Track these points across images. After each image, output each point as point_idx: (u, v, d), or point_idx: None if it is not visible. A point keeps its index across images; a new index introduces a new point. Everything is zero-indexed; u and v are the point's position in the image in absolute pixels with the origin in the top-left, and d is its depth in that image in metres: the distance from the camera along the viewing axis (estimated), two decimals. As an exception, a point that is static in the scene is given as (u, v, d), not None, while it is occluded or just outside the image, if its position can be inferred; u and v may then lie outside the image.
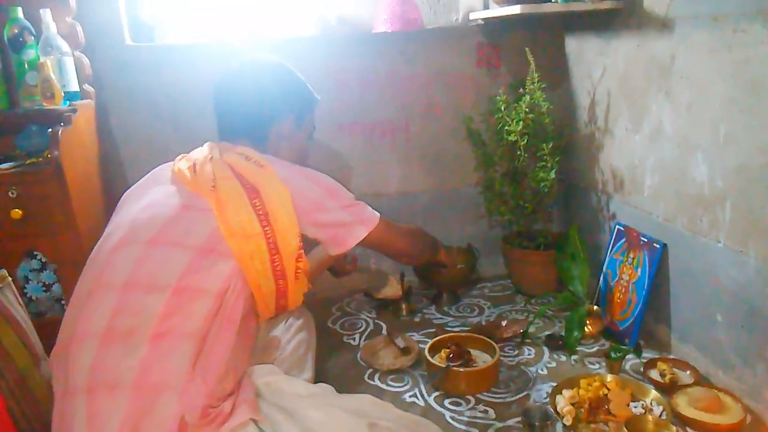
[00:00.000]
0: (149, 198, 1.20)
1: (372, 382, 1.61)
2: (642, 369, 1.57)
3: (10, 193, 1.62)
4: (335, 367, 1.71)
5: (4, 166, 1.67)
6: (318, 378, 1.53)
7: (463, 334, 1.74)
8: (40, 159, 1.71)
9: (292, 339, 1.49)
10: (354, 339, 1.86)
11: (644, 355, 1.65)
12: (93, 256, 1.15)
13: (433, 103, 2.18)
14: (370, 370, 1.66)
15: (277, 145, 1.36)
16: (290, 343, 1.48)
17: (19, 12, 1.77)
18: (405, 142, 2.20)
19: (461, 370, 1.54)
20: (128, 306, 1.03)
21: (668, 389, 1.45)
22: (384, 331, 1.84)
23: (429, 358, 1.59)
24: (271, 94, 1.35)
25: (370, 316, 2.02)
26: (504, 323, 1.82)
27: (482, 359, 1.63)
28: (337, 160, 2.16)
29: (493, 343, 1.62)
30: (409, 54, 2.11)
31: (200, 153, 1.29)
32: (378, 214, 1.33)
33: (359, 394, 1.25)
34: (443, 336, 1.70)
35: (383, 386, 1.59)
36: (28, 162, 1.70)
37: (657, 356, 1.64)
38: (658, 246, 1.66)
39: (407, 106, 2.17)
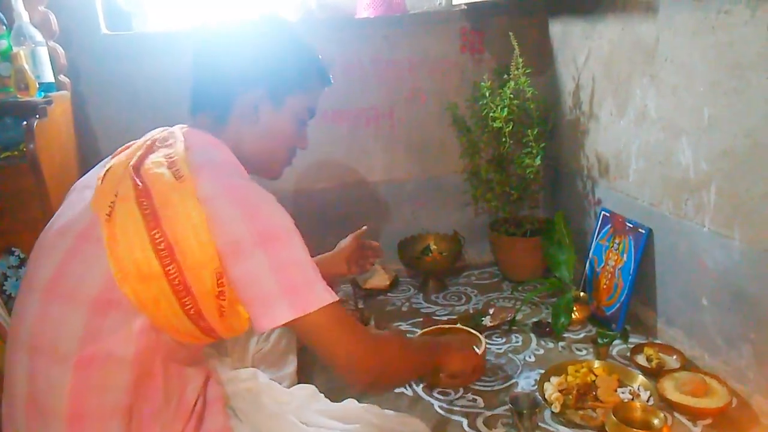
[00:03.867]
0: (64, 210, 1.01)
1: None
2: (629, 354, 1.57)
3: (-15, 188, 1.58)
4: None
5: (-22, 160, 1.63)
6: (304, 370, 1.52)
7: (448, 326, 1.70)
8: (15, 153, 1.67)
9: (272, 332, 1.44)
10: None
11: (631, 340, 1.66)
12: (31, 260, 0.99)
13: (418, 90, 2.15)
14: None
15: (239, 124, 1.07)
16: (270, 336, 1.44)
17: (-10, 1, 1.72)
18: (390, 129, 2.18)
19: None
20: (38, 377, 0.89)
21: (655, 374, 1.46)
22: (372, 322, 1.82)
23: None
24: (242, 55, 1.06)
25: (357, 306, 2.00)
26: (491, 311, 1.82)
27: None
28: (320, 149, 2.13)
29: (478, 334, 1.58)
30: (392, 40, 2.09)
31: (135, 146, 1.06)
32: (331, 296, 0.95)
33: (344, 400, 1.21)
34: (430, 328, 1.67)
35: (371, 376, 1.58)
36: (2, 156, 1.66)
37: (644, 341, 1.64)
38: (643, 231, 1.66)
39: (391, 93, 2.14)
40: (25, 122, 1.62)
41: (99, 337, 0.89)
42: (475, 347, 1.46)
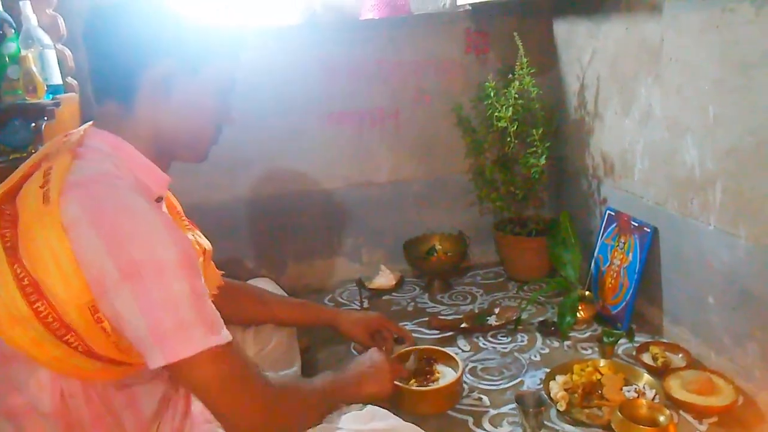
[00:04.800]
0: None
1: (365, 372, 1.61)
2: (634, 353, 1.57)
3: (-6, 189, 1.59)
4: (328, 358, 1.70)
5: (-12, 161, 1.65)
6: (309, 370, 1.53)
7: (425, 347, 1.56)
8: (24, 154, 1.68)
9: (273, 331, 1.44)
10: (347, 329, 1.85)
11: (636, 339, 1.66)
12: None
13: (423, 90, 2.16)
14: (364, 360, 1.65)
15: (150, 105, 0.91)
16: (272, 334, 1.43)
17: (-2, 4, 1.74)
18: (395, 130, 2.18)
19: (417, 389, 1.39)
20: None
21: (661, 372, 1.45)
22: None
23: None
24: (140, 23, 0.89)
25: (362, 306, 2.01)
26: (497, 310, 1.82)
27: (445, 374, 1.47)
28: (325, 150, 2.14)
29: (458, 359, 1.47)
30: (397, 41, 2.09)
31: (30, 158, 0.95)
32: (215, 339, 0.83)
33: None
34: (408, 349, 1.54)
35: (377, 376, 1.58)
36: (11, 157, 1.68)
37: (649, 340, 1.64)
38: (648, 230, 1.66)
39: (397, 94, 2.15)
40: (33, 124, 1.64)
41: (14, 389, 0.85)
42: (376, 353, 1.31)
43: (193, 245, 1.06)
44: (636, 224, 1.71)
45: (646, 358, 1.54)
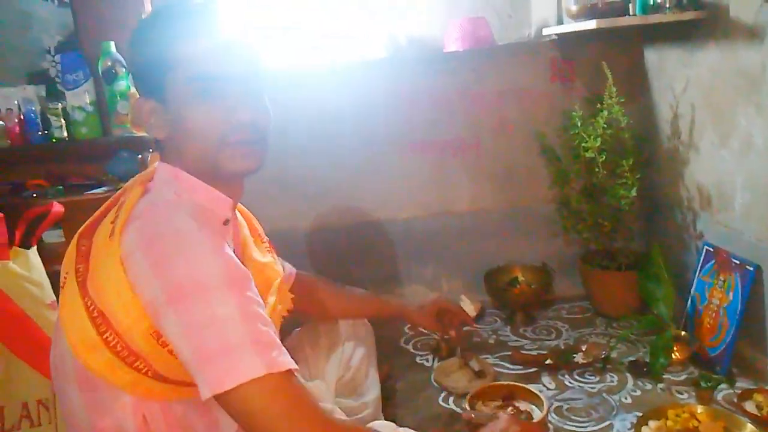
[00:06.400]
0: None
1: (446, 405, 1.59)
2: (735, 400, 1.47)
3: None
4: (406, 387, 1.70)
5: (99, 190, 1.79)
6: (389, 399, 1.53)
7: (507, 383, 1.56)
8: (130, 184, 1.81)
9: (353, 356, 1.43)
10: (427, 360, 1.84)
11: (738, 384, 1.55)
12: None
13: (505, 120, 2.15)
14: (444, 393, 1.64)
15: (162, 149, 0.96)
16: (351, 361, 1.42)
17: (112, 46, 1.89)
18: (476, 159, 2.18)
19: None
20: None
21: (766, 423, 1.35)
22: (458, 353, 1.81)
23: (467, 408, 1.41)
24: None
25: (442, 336, 2.00)
26: (584, 347, 1.76)
27: (534, 413, 1.43)
28: (406, 180, 2.17)
29: (542, 397, 1.44)
30: (480, 71, 2.10)
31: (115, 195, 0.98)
32: (266, 366, 0.76)
33: None
34: (489, 384, 1.55)
35: (457, 409, 1.57)
36: (118, 186, 1.81)
37: (753, 387, 1.52)
38: (751, 268, 1.56)
39: (478, 124, 2.15)
40: (139, 156, 1.77)
41: (102, 412, 0.88)
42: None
43: (266, 274, 1.09)
44: (737, 262, 1.61)
45: (749, 406, 1.43)
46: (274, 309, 1.06)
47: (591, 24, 1.73)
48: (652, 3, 1.70)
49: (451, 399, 1.62)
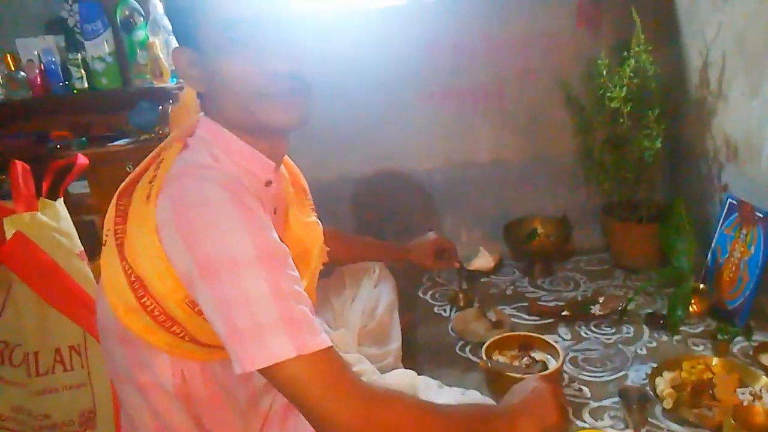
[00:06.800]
0: None
1: (463, 354, 1.63)
2: (751, 353, 1.47)
3: (127, 168, 1.75)
4: (425, 337, 1.74)
5: (121, 142, 1.81)
6: (409, 348, 1.57)
7: (523, 333, 1.58)
8: (152, 135, 1.83)
9: (378, 305, 1.47)
10: (445, 310, 1.88)
11: (755, 338, 1.55)
12: None
13: (529, 68, 2.09)
14: (461, 342, 1.68)
15: (203, 102, 0.94)
16: (376, 311, 1.47)
17: (129, -5, 1.87)
18: (498, 108, 2.14)
19: (516, 375, 1.33)
20: (126, 402, 0.98)
21: (781, 376, 1.36)
22: (476, 303, 1.84)
23: (484, 358, 1.43)
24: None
25: (460, 287, 2.02)
26: (601, 299, 1.77)
27: (549, 363, 1.43)
28: (427, 129, 2.15)
29: (558, 348, 1.44)
30: (504, 15, 2.03)
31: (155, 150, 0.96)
32: (295, 347, 0.75)
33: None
34: (506, 334, 1.55)
35: (474, 359, 1.60)
36: (142, 138, 1.83)
37: (770, 339, 1.53)
38: (775, 222, 1.54)
39: (501, 71, 2.10)
40: (159, 107, 1.78)
41: (143, 367, 0.90)
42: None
43: (309, 233, 1.09)
44: (761, 215, 1.59)
45: (765, 359, 1.44)
46: (316, 269, 1.08)
47: (620, -33, 1.66)
48: (686, -56, 1.62)
49: (468, 348, 1.65)
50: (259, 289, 0.76)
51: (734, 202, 1.71)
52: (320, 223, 1.22)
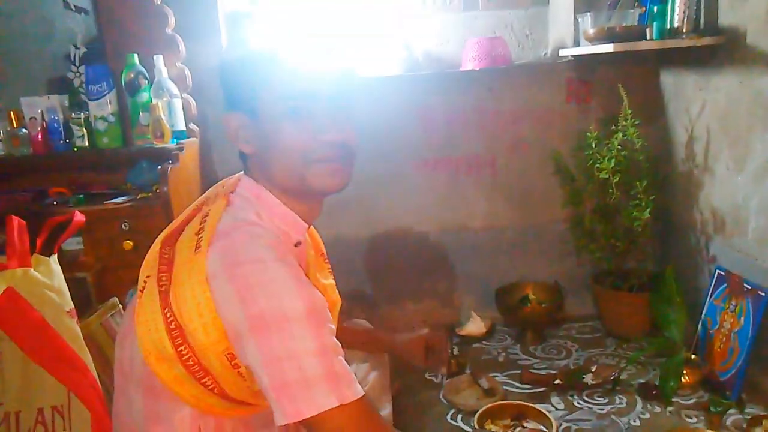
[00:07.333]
0: None
1: (454, 423, 1.60)
2: (745, 426, 1.47)
3: (123, 226, 1.76)
4: (416, 404, 1.71)
5: (119, 200, 1.82)
6: (398, 415, 1.54)
7: (516, 402, 1.59)
8: (149, 194, 1.85)
9: (369, 371, 1.46)
10: (436, 376, 1.85)
11: (748, 410, 1.54)
12: None
13: (520, 139, 2.16)
14: (453, 410, 1.65)
15: (246, 163, 1.00)
16: (368, 376, 1.45)
17: (136, 58, 1.93)
18: (491, 177, 2.19)
19: None
20: None
21: (777, 451, 1.35)
22: (468, 370, 1.82)
23: (476, 427, 1.47)
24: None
25: (452, 353, 2.00)
26: (594, 368, 1.76)
27: None
28: (421, 195, 2.19)
29: (551, 418, 1.46)
30: (496, 90, 2.12)
31: (191, 205, 1.02)
32: (338, 398, 0.81)
33: None
34: (499, 403, 1.57)
35: (466, 427, 1.57)
36: (139, 197, 1.85)
37: (763, 413, 1.52)
38: (763, 294, 1.56)
39: (494, 142, 2.16)
40: (159, 166, 1.80)
41: (159, 420, 0.91)
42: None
43: (328, 295, 1.10)
44: (749, 287, 1.61)
45: (759, 432, 1.43)
46: (335, 330, 1.07)
47: (608, 47, 1.74)
48: (669, 28, 1.72)
49: (459, 416, 1.62)
50: (306, 345, 0.81)
51: (723, 274, 1.73)
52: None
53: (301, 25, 2.19)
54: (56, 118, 1.94)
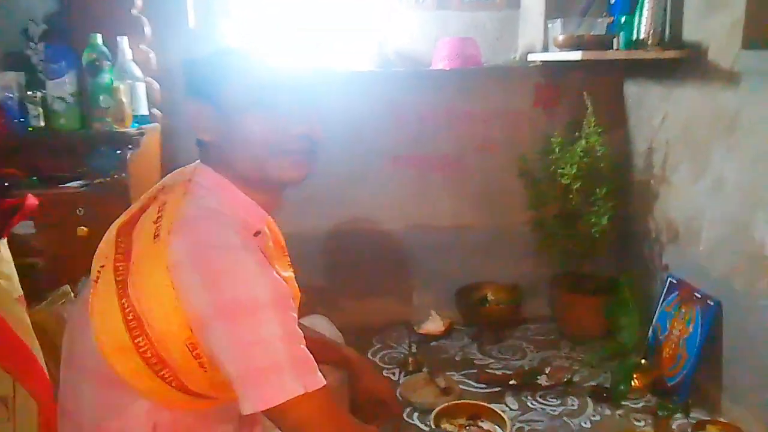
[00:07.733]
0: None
1: (410, 421, 1.61)
2: (690, 430, 1.52)
3: (78, 211, 1.70)
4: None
5: (74, 184, 1.76)
6: (354, 413, 1.53)
7: (472, 402, 1.60)
8: (108, 179, 1.79)
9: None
10: (394, 374, 1.86)
11: (693, 415, 1.60)
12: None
13: (489, 140, 2.18)
14: (410, 408, 1.66)
15: (205, 151, 0.97)
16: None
17: (98, 39, 1.87)
18: (458, 176, 2.21)
19: None
20: None
21: (718, 455, 1.40)
22: (425, 369, 1.83)
23: (432, 426, 1.48)
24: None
25: (410, 351, 2.01)
26: (548, 370, 1.79)
27: None
28: (388, 192, 2.18)
29: (506, 418, 1.49)
30: (466, 91, 2.13)
31: (145, 194, 0.99)
32: (304, 385, 0.81)
33: None
34: (455, 403, 1.58)
35: (422, 426, 1.58)
36: (96, 182, 1.79)
37: (707, 418, 1.58)
38: (712, 303, 1.61)
39: (462, 142, 2.17)
40: (119, 151, 1.75)
41: (112, 414, 0.89)
42: None
43: (290, 285, 1.08)
44: (699, 296, 1.66)
45: (703, 437, 1.48)
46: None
47: (576, 55, 1.77)
48: (635, 39, 1.75)
49: (416, 415, 1.63)
50: (272, 332, 0.81)
51: (674, 282, 1.79)
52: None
53: (274, 17, 2.16)
54: (11, 95, 1.87)
